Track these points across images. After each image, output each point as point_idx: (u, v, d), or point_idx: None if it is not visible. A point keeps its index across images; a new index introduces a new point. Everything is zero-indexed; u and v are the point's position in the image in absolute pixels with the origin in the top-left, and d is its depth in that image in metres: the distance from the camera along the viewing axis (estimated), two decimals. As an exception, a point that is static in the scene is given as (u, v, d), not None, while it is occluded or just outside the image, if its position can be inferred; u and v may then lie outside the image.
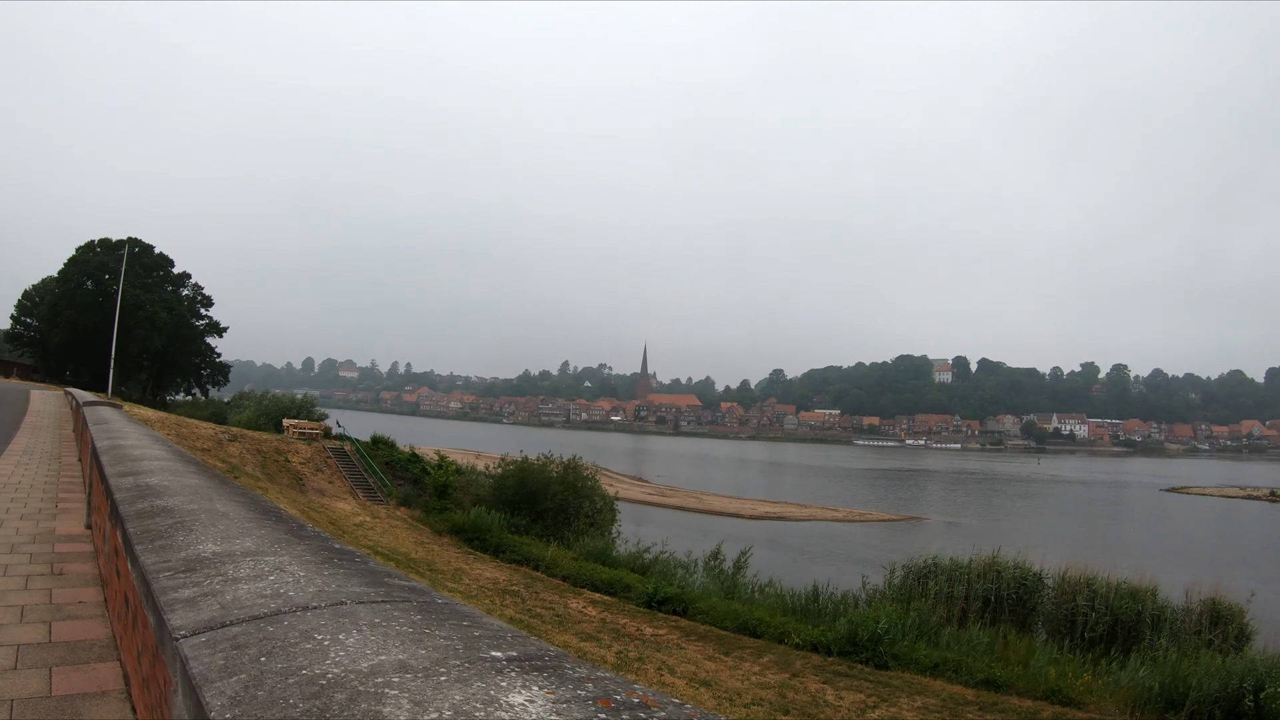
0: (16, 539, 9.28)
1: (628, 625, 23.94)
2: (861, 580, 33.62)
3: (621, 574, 30.99)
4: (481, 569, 30.12)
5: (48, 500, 11.87)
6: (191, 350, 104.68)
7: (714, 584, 32.20)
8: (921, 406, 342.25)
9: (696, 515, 71.86)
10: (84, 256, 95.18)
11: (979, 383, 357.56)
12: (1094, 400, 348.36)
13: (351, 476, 46.39)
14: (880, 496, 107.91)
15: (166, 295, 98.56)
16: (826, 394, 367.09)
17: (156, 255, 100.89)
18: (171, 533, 3.87)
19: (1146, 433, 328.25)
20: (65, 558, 8.41)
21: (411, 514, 41.94)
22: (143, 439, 10.59)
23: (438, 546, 33.89)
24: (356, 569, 3.12)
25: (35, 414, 32.36)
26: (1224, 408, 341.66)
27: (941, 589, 31.17)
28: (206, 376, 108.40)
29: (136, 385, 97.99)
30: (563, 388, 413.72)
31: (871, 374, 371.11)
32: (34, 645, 5.77)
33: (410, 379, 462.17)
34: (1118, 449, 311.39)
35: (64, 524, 10.21)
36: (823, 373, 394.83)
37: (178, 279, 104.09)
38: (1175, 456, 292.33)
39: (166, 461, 7.60)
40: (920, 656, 23.03)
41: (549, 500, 42.18)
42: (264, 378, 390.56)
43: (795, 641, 24.04)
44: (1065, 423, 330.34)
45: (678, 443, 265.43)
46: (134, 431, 11.64)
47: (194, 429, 45.78)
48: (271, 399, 76.04)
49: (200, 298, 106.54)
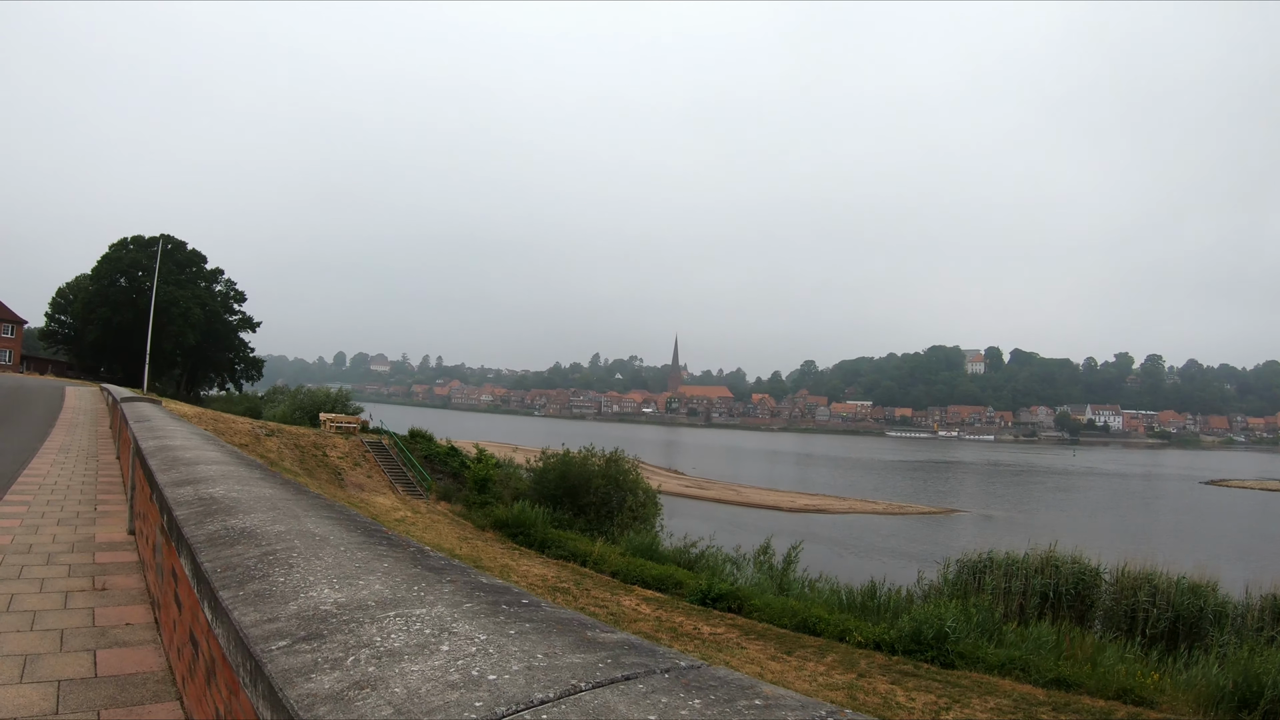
0: (54, 547, 8.58)
1: (684, 624, 23.11)
2: (917, 575, 32.88)
3: (671, 570, 30.30)
4: (528, 565, 29.33)
5: (86, 502, 11.20)
6: (225, 346, 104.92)
7: (765, 580, 31.40)
8: (954, 398, 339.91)
9: (735, 508, 70.80)
10: (117, 254, 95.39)
11: (1012, 373, 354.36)
12: (1128, 391, 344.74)
13: (390, 471, 45.77)
14: (917, 489, 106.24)
15: (200, 291, 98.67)
16: (858, 385, 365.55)
17: (189, 251, 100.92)
18: (265, 570, 2.94)
19: (1181, 424, 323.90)
20: (107, 569, 7.70)
21: (452, 509, 41.25)
22: (191, 438, 9.74)
23: (481, 542, 33.11)
24: (538, 616, 2.30)
25: (71, 410, 31.88)
26: (1260, 399, 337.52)
27: (999, 584, 30.48)
28: (240, 371, 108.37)
29: (171, 381, 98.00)
30: (594, 380, 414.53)
31: (903, 365, 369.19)
32: (77, 681, 4.96)
33: (441, 372, 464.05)
34: (1152, 441, 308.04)
35: (104, 529, 9.55)
36: (854, 364, 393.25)
37: (210, 275, 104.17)
38: (1211, 449, 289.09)
39: (227, 466, 6.70)
40: (986, 655, 22.38)
41: (591, 494, 41.41)
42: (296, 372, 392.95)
43: (857, 640, 23.38)
44: (1099, 414, 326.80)
45: (709, 434, 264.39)
46: (180, 430, 10.78)
47: (231, 424, 45.31)
48: (307, 393, 75.67)
49: (233, 293, 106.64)
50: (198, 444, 8.93)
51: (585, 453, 44.43)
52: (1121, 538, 56.40)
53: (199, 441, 9.32)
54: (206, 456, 7.32)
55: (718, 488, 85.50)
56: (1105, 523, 75.46)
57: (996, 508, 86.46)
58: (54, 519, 9.92)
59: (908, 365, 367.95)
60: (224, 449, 8.80)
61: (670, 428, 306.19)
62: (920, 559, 48.66)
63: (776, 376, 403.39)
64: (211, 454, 7.73)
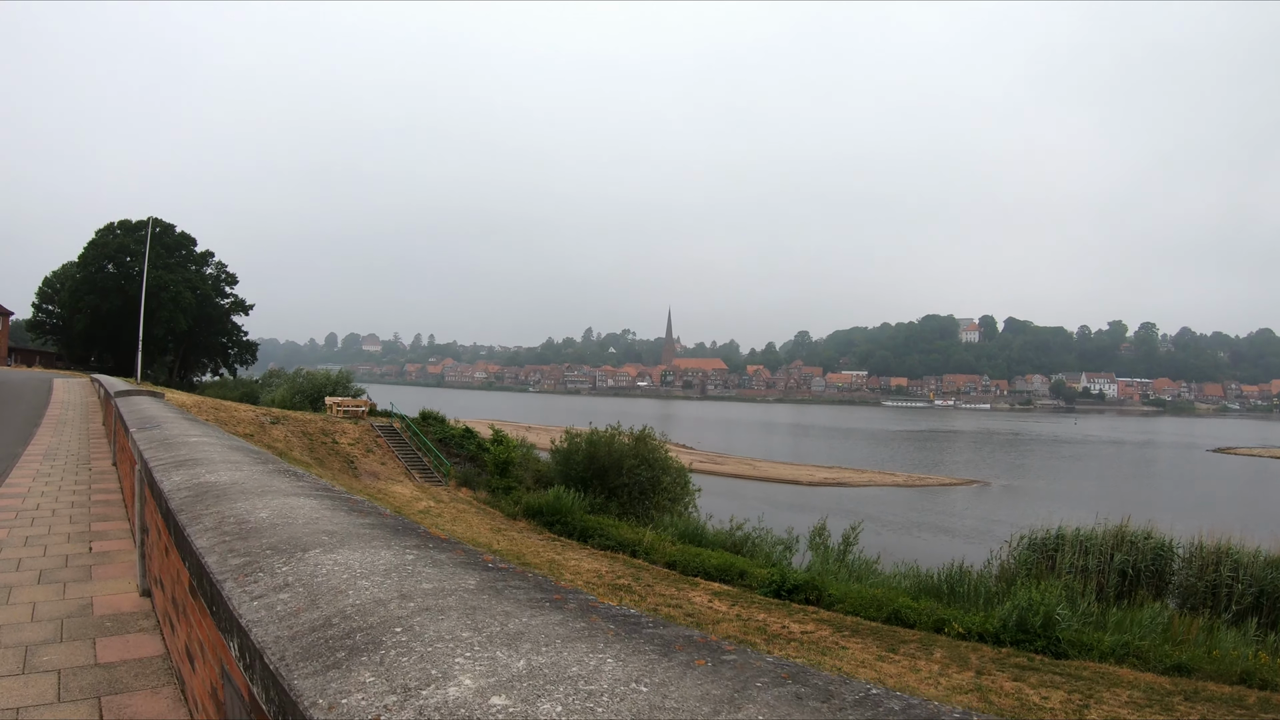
0: (33, 632, 5.44)
1: (770, 622, 20.87)
2: (990, 555, 31.07)
3: (730, 559, 28.30)
4: (577, 559, 26.94)
5: (78, 538, 8.28)
6: (217, 330, 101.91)
7: (825, 564, 29.24)
8: (949, 367, 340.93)
9: (753, 483, 68.93)
10: (104, 239, 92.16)
11: (1006, 342, 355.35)
12: (1122, 359, 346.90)
13: (405, 457, 43.33)
14: (930, 459, 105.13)
15: (190, 275, 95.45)
16: (853, 355, 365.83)
17: (178, 235, 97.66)
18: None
19: (1176, 392, 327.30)
20: (117, 675, 4.67)
21: (476, 496, 38.84)
22: (216, 444, 7.00)
23: (516, 533, 30.73)
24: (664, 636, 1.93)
25: (59, 405, 29.03)
26: (1253, 367, 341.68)
27: (1075, 562, 28.80)
28: (234, 356, 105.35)
29: (163, 368, 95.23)
30: (587, 355, 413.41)
31: (898, 334, 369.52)
32: None
33: (434, 350, 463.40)
34: (1147, 408, 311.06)
35: (105, 587, 6.56)
36: (848, 334, 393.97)
37: (201, 258, 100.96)
38: (1205, 416, 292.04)
39: (293, 498, 4.00)
40: (1095, 642, 20.95)
41: (624, 475, 38.93)
42: (288, 355, 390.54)
43: (956, 631, 21.66)
44: (1094, 382, 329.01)
45: (706, 407, 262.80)
46: (196, 432, 8.07)
47: (233, 412, 42.81)
48: (306, 376, 73.07)
49: (224, 276, 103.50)
50: (225, 452, 6.42)
51: (612, 431, 42.07)
52: (1158, 508, 54.60)
53: (224, 449, 6.70)
54: (250, 480, 4.53)
55: (732, 461, 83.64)
56: (1134, 492, 73.98)
57: (1017, 478, 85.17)
58: (34, 572, 6.94)
59: (902, 335, 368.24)
60: (268, 461, 6.04)
61: (666, 401, 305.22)
62: (965, 534, 48.14)
63: (770, 348, 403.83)
64: (251, 473, 5.06)
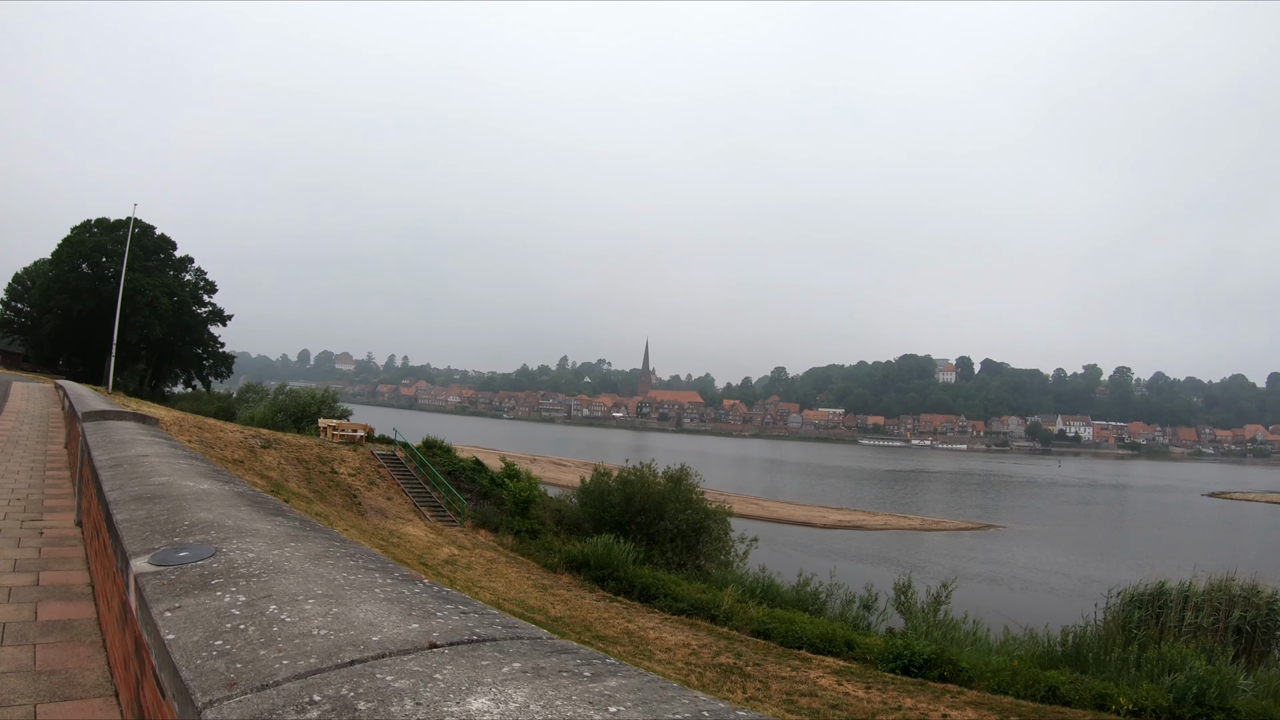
0: None
1: (928, 711, 17.16)
2: (1084, 615, 28.27)
3: (831, 626, 24.84)
4: (655, 630, 22.60)
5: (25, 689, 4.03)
6: (193, 339, 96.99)
7: (925, 626, 25.90)
8: (925, 406, 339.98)
9: (766, 525, 65.23)
10: (79, 237, 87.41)
11: (982, 383, 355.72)
12: (1097, 402, 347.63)
13: (412, 491, 38.81)
14: (934, 501, 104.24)
15: (168, 280, 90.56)
16: (829, 392, 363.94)
17: (158, 237, 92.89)
18: None
19: (1151, 435, 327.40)
20: None
21: (499, 540, 34.38)
22: (272, 531, 3.22)
23: (564, 591, 26.35)
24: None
25: (13, 416, 23.45)
26: (1226, 411, 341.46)
27: (1184, 619, 26.14)
28: (208, 368, 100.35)
29: (134, 376, 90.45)
30: (562, 383, 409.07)
31: (875, 373, 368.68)
32: None
33: (407, 372, 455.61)
34: (1123, 451, 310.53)
35: None
36: (825, 371, 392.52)
37: (180, 263, 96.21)
38: (1180, 460, 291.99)
39: None
40: None
41: (667, 520, 34.64)
42: (259, 369, 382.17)
43: (1126, 708, 18.69)
44: (1070, 425, 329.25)
45: (681, 440, 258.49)
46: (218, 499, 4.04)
47: (219, 433, 38.12)
48: (289, 394, 68.59)
49: (204, 283, 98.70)
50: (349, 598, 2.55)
51: (640, 468, 37.93)
52: (1192, 555, 52.62)
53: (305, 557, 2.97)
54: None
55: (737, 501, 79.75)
56: (1165, 538, 73.64)
57: (1030, 522, 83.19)
58: None
59: (879, 373, 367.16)
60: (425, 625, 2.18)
61: (641, 433, 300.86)
62: (1016, 585, 46.63)
63: (747, 382, 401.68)
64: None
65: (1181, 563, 40.95)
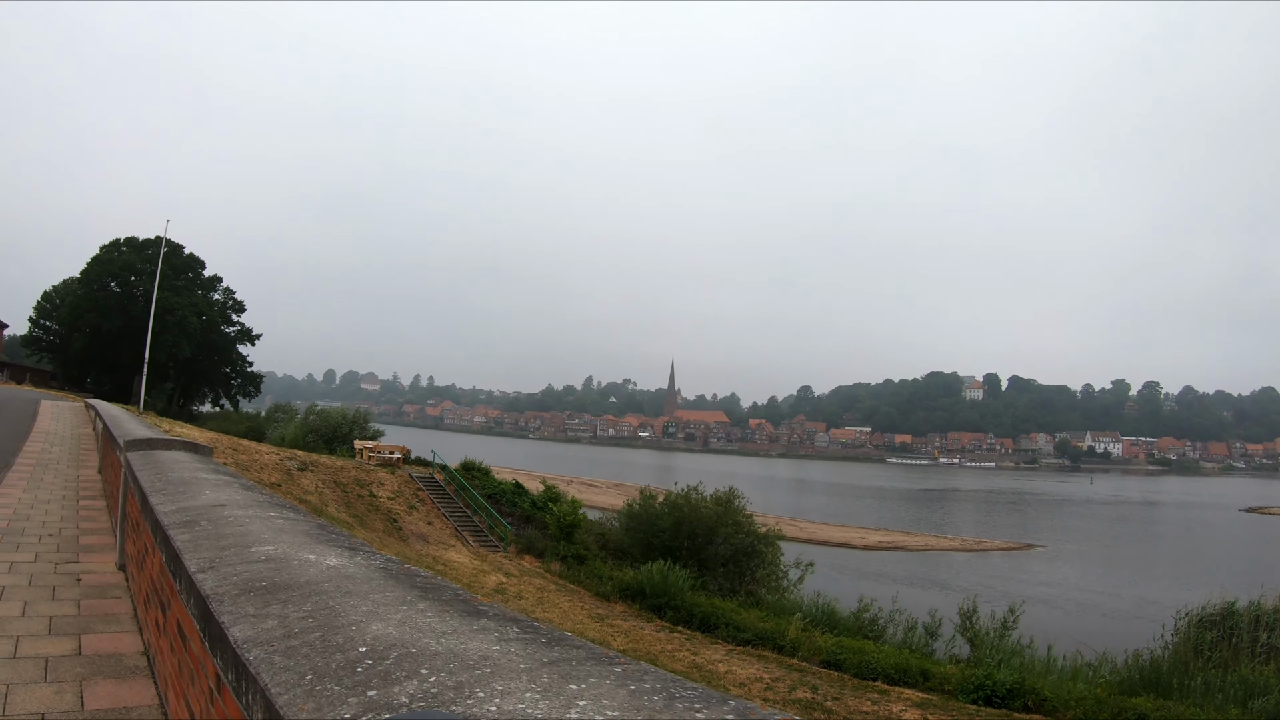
0: None
1: None
2: (1151, 637, 28.33)
3: (904, 655, 23.67)
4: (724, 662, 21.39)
5: None
6: (222, 358, 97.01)
7: (997, 654, 25.02)
8: (953, 424, 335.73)
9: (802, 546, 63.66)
10: (108, 256, 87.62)
11: (1010, 400, 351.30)
12: (1126, 418, 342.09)
13: (453, 515, 37.73)
14: (969, 521, 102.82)
15: (197, 299, 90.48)
16: (856, 411, 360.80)
17: (186, 256, 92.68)
18: None
19: (1181, 451, 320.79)
20: None
21: (546, 567, 33.17)
22: None
23: (621, 621, 25.09)
24: None
25: (43, 437, 22.94)
26: (1257, 425, 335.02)
27: (1258, 640, 25.34)
28: (237, 387, 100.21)
29: (162, 395, 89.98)
30: (587, 403, 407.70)
31: (901, 391, 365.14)
32: None
33: (433, 392, 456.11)
34: (1153, 467, 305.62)
35: None
36: (851, 389, 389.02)
37: (209, 283, 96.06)
38: (1211, 475, 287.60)
39: None
40: None
41: (718, 545, 33.50)
42: (285, 389, 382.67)
43: None
44: (1099, 441, 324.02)
45: (708, 460, 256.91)
46: (451, 628, 2.99)
47: (255, 455, 37.15)
48: (319, 414, 67.79)
49: (232, 303, 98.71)
50: None
51: (688, 491, 36.82)
52: (1242, 573, 51.69)
53: None
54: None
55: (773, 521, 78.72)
56: (1210, 555, 72.46)
57: (1071, 542, 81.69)
58: None
59: (906, 391, 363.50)
60: None
61: (667, 453, 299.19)
62: (1070, 607, 45.58)
63: (773, 401, 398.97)
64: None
65: (1233, 580, 39.99)
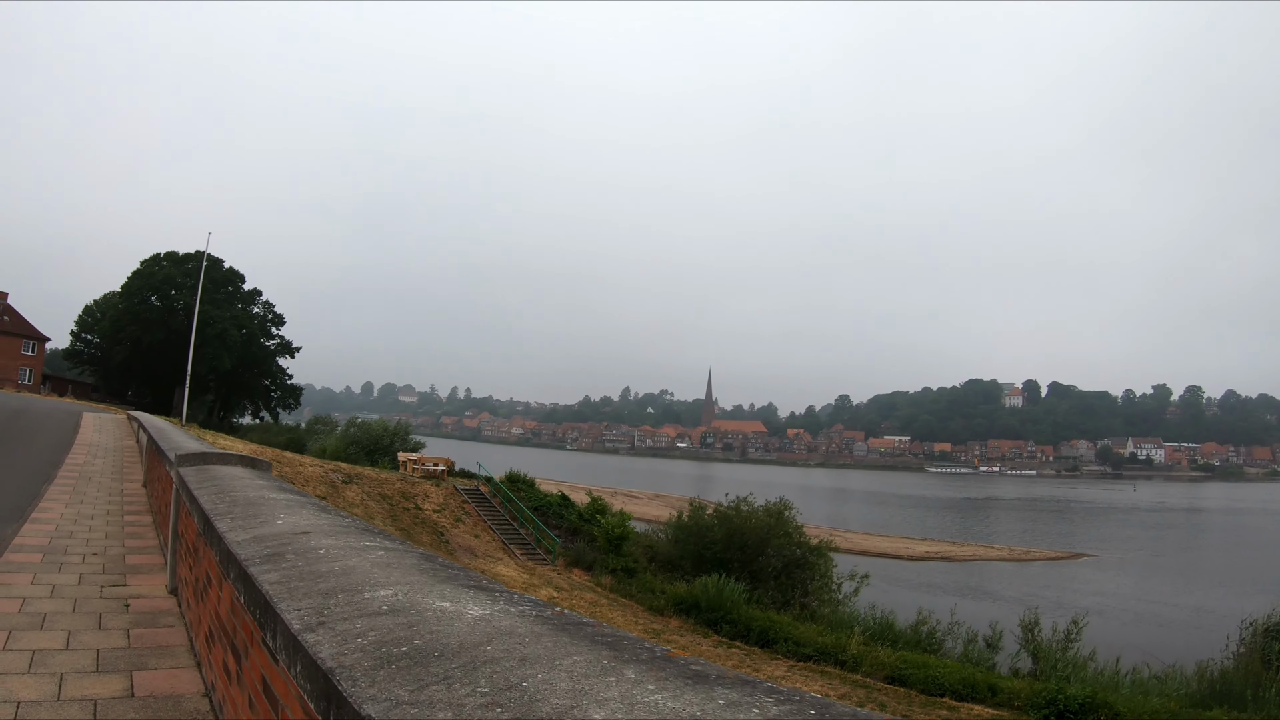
0: None
1: None
2: (1215, 647, 27.12)
3: (969, 671, 23.08)
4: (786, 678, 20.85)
5: None
6: (262, 371, 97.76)
7: (1063, 668, 24.33)
8: (993, 432, 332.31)
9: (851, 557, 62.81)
10: (149, 270, 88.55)
11: (1050, 407, 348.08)
12: (1168, 423, 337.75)
13: (499, 528, 37.26)
14: (1013, 530, 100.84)
15: (237, 313, 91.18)
16: (894, 419, 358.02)
17: (226, 270, 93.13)
18: None
19: (1224, 456, 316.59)
20: None
21: (596, 580, 32.58)
22: None
23: (678, 636, 24.49)
24: None
25: (85, 449, 22.63)
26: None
27: None
28: (277, 399, 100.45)
29: (203, 407, 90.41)
30: (625, 414, 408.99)
31: (940, 399, 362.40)
32: None
33: (470, 404, 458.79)
34: (1196, 473, 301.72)
35: None
36: (889, 398, 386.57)
37: (248, 296, 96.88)
38: (1255, 480, 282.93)
39: None
40: None
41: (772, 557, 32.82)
42: (324, 401, 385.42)
43: None
44: (1141, 447, 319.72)
45: (746, 470, 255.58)
46: None
47: (299, 467, 36.84)
48: (360, 426, 67.77)
49: (271, 316, 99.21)
50: None
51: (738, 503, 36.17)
52: None
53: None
54: None
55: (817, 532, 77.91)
56: (1257, 563, 71.03)
57: (1120, 550, 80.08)
58: None
59: (945, 399, 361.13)
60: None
61: (705, 463, 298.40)
62: (1127, 618, 44.75)
63: (810, 411, 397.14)
64: None
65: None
